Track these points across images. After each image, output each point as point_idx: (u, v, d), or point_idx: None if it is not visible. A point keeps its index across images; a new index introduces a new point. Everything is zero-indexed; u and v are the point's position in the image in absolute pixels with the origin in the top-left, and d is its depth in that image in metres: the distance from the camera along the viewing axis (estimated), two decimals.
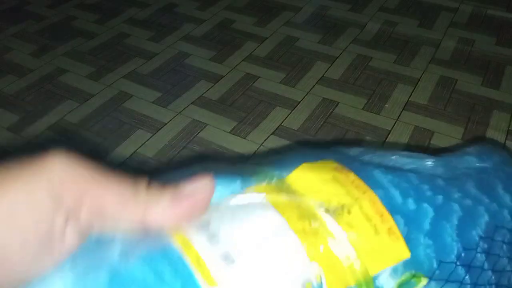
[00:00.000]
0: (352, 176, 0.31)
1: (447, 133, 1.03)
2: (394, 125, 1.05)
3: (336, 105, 1.11)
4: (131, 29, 1.41)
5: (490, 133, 1.03)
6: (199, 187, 0.24)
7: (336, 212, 0.28)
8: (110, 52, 1.30)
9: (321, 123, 1.05)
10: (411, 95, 1.14)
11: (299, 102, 1.12)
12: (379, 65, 1.25)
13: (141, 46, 1.33)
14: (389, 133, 1.02)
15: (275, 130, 1.04)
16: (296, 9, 1.51)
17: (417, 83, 1.18)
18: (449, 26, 1.42)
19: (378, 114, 1.08)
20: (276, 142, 1.00)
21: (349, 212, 0.28)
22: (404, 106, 1.10)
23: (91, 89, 1.15)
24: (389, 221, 0.29)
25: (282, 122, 1.06)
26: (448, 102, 1.12)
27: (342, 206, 0.28)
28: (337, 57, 1.28)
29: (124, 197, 0.21)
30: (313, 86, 1.17)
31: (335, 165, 0.32)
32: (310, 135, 1.02)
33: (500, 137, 1.02)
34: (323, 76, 1.21)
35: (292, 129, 1.04)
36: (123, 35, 1.38)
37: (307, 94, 1.14)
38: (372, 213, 0.29)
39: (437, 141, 1.00)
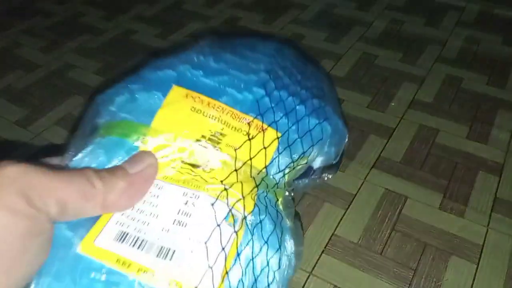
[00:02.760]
0: (205, 98, 0.35)
1: (452, 131, 1.03)
2: (399, 123, 1.05)
3: (341, 103, 1.11)
4: (139, 26, 1.42)
5: (495, 132, 1.02)
6: (145, 166, 0.28)
7: (213, 142, 0.32)
8: (117, 48, 1.31)
9: None
10: (416, 93, 1.14)
11: None
12: (385, 63, 1.25)
13: (148, 43, 1.34)
14: (393, 131, 1.03)
15: None
16: (302, 7, 1.52)
17: (423, 82, 1.18)
18: (456, 25, 1.42)
19: (383, 112, 1.08)
20: None
21: (222, 135, 0.32)
22: (409, 104, 1.10)
23: (98, 85, 1.17)
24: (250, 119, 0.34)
25: None
26: (453, 100, 1.12)
27: (214, 134, 0.32)
28: (343, 55, 1.28)
29: (83, 192, 0.24)
30: None
31: (185, 91, 0.36)
32: None
33: (505, 136, 1.02)
34: (328, 74, 1.21)
35: None
36: (131, 31, 1.39)
37: None
38: (237, 123, 0.33)
39: (442, 140, 1.00)
